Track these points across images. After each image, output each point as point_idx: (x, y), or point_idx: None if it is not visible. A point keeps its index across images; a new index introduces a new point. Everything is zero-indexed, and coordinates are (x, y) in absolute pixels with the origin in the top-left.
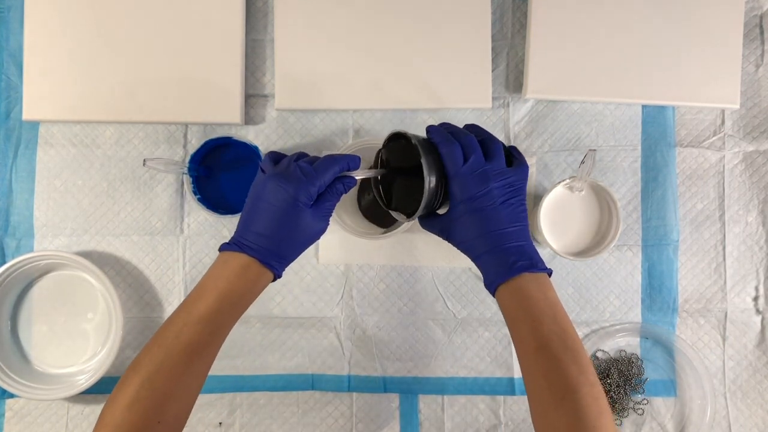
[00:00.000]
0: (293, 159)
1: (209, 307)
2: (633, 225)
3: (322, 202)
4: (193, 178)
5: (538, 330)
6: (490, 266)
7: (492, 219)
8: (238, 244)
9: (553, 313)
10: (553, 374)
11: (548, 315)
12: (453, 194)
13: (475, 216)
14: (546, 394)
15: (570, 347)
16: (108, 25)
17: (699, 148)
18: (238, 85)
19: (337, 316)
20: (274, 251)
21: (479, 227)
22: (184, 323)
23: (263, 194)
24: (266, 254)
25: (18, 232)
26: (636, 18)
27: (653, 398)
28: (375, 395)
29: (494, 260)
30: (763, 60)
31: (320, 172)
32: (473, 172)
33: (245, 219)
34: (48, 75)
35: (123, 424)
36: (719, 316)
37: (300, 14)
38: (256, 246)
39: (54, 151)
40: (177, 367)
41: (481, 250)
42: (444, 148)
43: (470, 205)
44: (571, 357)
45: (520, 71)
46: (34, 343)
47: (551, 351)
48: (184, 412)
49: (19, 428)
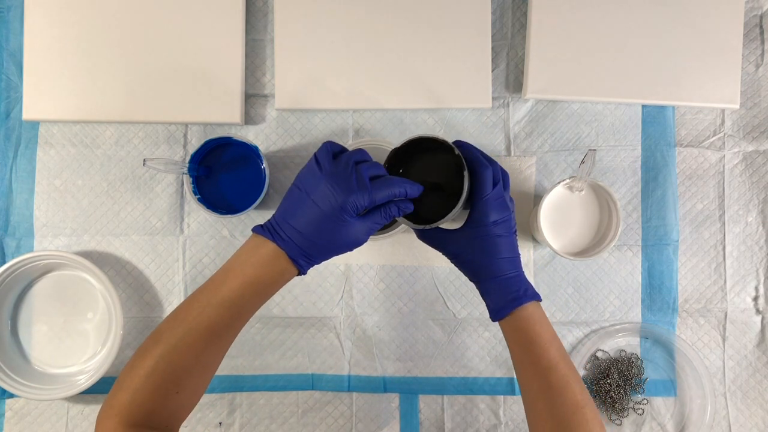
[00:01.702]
0: (353, 160)
1: (234, 291)
2: (633, 225)
3: (369, 218)
4: (193, 178)
5: (548, 353)
6: (495, 293)
7: (504, 246)
8: (272, 231)
9: (553, 338)
10: (566, 390)
11: (552, 340)
12: (475, 217)
13: (490, 241)
14: (560, 407)
15: (573, 368)
16: (108, 25)
17: (699, 148)
18: (238, 85)
19: (337, 316)
20: (306, 251)
21: (491, 253)
22: (207, 303)
23: (313, 191)
24: (297, 252)
25: (18, 232)
26: (636, 18)
27: (653, 398)
28: (375, 395)
29: (499, 288)
30: (763, 60)
31: (378, 189)
32: (497, 198)
33: (286, 208)
34: (48, 75)
35: (142, 390)
36: (719, 316)
37: (300, 14)
38: (289, 240)
39: (54, 151)
40: (197, 345)
41: (487, 275)
42: (483, 170)
43: (490, 230)
44: (575, 377)
45: (520, 71)
46: (34, 343)
47: (561, 369)
48: (200, 386)
49: (19, 428)
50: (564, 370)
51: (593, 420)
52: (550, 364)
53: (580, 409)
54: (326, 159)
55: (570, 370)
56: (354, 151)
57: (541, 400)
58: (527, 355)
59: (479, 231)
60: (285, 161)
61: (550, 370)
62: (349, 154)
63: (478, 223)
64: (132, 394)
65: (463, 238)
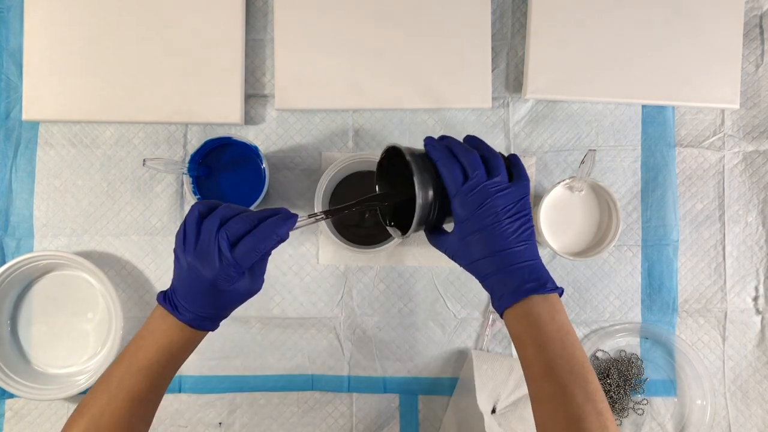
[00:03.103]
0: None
1: (150, 359)
2: (633, 225)
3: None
4: (193, 178)
5: (544, 355)
6: (497, 289)
7: (497, 238)
8: (171, 305)
9: (561, 338)
10: (558, 401)
11: (555, 339)
12: (455, 214)
13: (478, 236)
14: (550, 422)
15: (577, 373)
16: (108, 25)
17: (699, 148)
18: (238, 85)
19: (337, 317)
20: (207, 317)
21: (484, 247)
22: (126, 370)
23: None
24: (198, 320)
25: (18, 232)
26: (636, 18)
27: (653, 398)
28: (375, 395)
29: (500, 282)
30: (763, 60)
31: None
32: (473, 190)
33: (176, 279)
34: (48, 75)
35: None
36: (719, 316)
37: (300, 14)
38: (186, 312)
39: (54, 151)
40: (120, 412)
41: (487, 271)
42: (443, 167)
43: (473, 224)
44: (578, 384)
45: (520, 71)
46: (34, 343)
47: (556, 377)
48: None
49: (19, 428)
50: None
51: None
52: (546, 369)
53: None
54: (192, 230)
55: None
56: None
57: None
58: (522, 357)
59: (461, 229)
60: (285, 161)
61: (545, 375)
62: (212, 221)
63: (458, 221)
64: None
65: (452, 239)
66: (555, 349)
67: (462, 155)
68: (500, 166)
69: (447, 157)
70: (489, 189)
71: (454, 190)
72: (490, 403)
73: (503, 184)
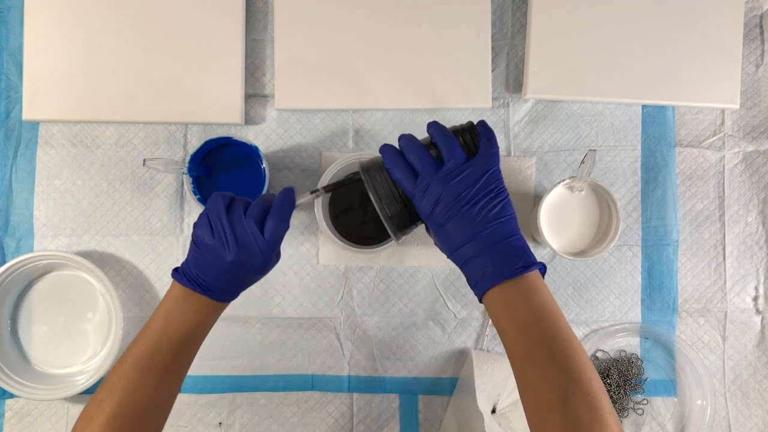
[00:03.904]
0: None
1: (179, 336)
2: (633, 225)
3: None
4: (193, 178)
5: (523, 340)
6: (471, 275)
7: (462, 227)
8: (201, 285)
9: (537, 319)
10: (540, 385)
11: (530, 323)
12: (420, 213)
13: (444, 229)
14: (534, 406)
15: (558, 354)
16: (108, 25)
17: (699, 148)
18: (238, 85)
19: (337, 317)
20: (236, 291)
21: (455, 237)
22: (155, 350)
23: (226, 264)
24: (225, 295)
25: (18, 232)
26: (636, 18)
27: (653, 398)
28: (375, 395)
29: (474, 269)
30: (763, 60)
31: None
32: (426, 188)
33: (202, 264)
34: (48, 75)
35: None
36: (719, 316)
37: (300, 14)
38: (218, 291)
39: (54, 151)
40: (153, 387)
41: (463, 260)
42: (395, 173)
43: (438, 219)
44: (558, 366)
45: (520, 71)
46: (34, 343)
47: (535, 361)
48: (162, 423)
49: (19, 428)
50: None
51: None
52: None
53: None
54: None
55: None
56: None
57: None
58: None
59: (431, 225)
60: (285, 161)
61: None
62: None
63: (425, 218)
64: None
65: (432, 233)
66: (533, 333)
67: (411, 154)
68: (451, 150)
69: (396, 162)
70: (441, 181)
71: (409, 191)
72: (490, 403)
73: (457, 165)
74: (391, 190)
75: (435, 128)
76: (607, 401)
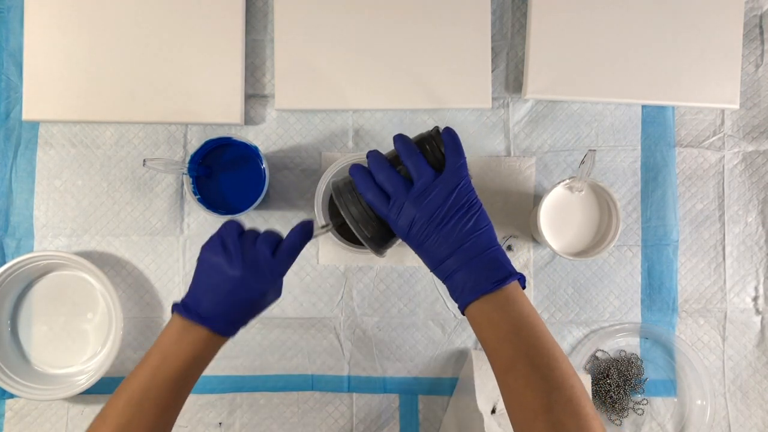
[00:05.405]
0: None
1: (176, 370)
2: (633, 225)
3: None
4: (193, 178)
5: (503, 351)
6: (451, 291)
7: (439, 244)
8: (199, 316)
9: (517, 330)
10: (524, 394)
11: (510, 333)
12: (397, 234)
13: (423, 248)
14: (519, 416)
15: (540, 363)
16: (108, 25)
17: (699, 148)
18: (238, 85)
19: (337, 317)
20: (235, 325)
21: (431, 257)
22: (150, 384)
23: (230, 281)
24: (228, 328)
25: (18, 232)
26: (636, 18)
27: (653, 398)
28: (375, 395)
29: (452, 285)
30: (763, 60)
31: (285, 262)
32: (399, 210)
33: (204, 289)
34: (48, 75)
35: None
36: (719, 316)
37: (300, 14)
38: (217, 320)
39: (54, 151)
40: (148, 422)
41: (444, 275)
42: (367, 197)
43: (414, 239)
44: (541, 375)
45: (520, 71)
46: (34, 343)
47: (518, 371)
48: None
49: (19, 428)
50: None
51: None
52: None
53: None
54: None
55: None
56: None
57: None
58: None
59: (410, 245)
60: (285, 161)
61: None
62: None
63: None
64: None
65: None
66: (514, 344)
67: (380, 175)
68: (418, 168)
69: (367, 185)
70: (412, 202)
71: (383, 214)
72: (490, 403)
73: (427, 188)
74: (366, 211)
75: (400, 143)
76: (590, 407)
